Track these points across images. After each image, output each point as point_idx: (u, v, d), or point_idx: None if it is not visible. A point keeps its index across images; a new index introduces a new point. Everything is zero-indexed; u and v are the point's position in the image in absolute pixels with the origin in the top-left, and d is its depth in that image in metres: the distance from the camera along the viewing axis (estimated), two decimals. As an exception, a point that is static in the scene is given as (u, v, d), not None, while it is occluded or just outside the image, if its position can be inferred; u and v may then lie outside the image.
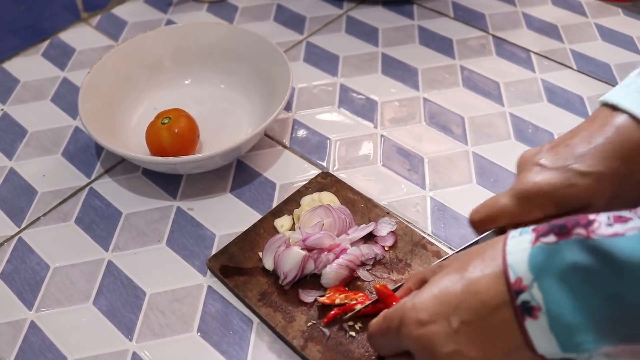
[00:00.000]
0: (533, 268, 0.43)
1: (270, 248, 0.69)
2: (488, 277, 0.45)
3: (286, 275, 0.67)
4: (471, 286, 0.46)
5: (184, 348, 0.64)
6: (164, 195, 0.80)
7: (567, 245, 0.42)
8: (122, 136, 0.82)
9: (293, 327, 0.64)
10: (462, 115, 0.90)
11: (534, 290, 0.42)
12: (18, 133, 0.89)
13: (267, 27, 1.08)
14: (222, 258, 0.71)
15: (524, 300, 0.42)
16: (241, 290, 0.68)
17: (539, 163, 0.57)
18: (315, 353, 0.62)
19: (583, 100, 0.92)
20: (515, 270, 0.43)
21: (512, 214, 0.57)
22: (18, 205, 0.79)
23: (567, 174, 0.54)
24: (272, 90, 0.85)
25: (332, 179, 0.79)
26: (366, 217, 0.74)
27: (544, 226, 0.44)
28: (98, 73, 0.84)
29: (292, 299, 0.67)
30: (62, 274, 0.71)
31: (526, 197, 0.56)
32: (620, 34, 1.06)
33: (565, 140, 0.57)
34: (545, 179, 0.55)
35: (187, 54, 0.92)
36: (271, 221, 0.74)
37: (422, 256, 0.70)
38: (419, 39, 1.05)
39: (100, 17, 1.12)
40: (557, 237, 0.43)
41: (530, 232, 0.45)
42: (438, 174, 0.81)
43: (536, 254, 0.43)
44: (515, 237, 0.46)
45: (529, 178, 0.56)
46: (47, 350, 0.65)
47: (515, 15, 1.11)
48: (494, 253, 0.46)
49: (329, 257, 0.68)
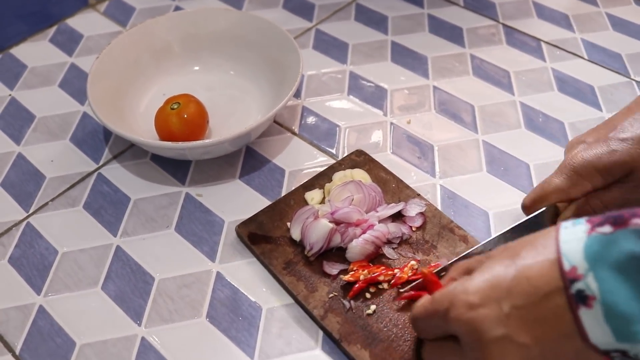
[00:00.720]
0: (588, 257, 0.42)
1: (298, 219, 0.70)
2: (541, 264, 0.45)
3: (312, 247, 0.68)
4: (523, 272, 0.46)
5: (193, 333, 0.64)
6: (173, 181, 0.79)
7: (623, 235, 0.42)
8: (130, 121, 0.82)
9: (314, 297, 0.65)
10: (472, 104, 0.89)
11: (589, 279, 0.42)
12: (26, 118, 0.89)
13: (276, 14, 1.07)
14: (251, 225, 0.72)
15: (579, 289, 0.42)
16: (267, 257, 0.69)
17: (583, 141, 0.62)
18: (334, 324, 0.63)
19: (594, 89, 0.92)
20: (569, 258, 0.43)
21: (563, 189, 0.61)
22: (26, 190, 0.79)
23: (608, 142, 0.60)
24: (281, 77, 0.84)
25: (365, 157, 0.79)
26: (396, 197, 0.75)
27: (599, 217, 0.44)
28: (107, 58, 0.84)
29: (316, 270, 0.68)
30: (70, 259, 0.71)
31: (573, 171, 0.60)
32: (632, 24, 1.05)
33: (607, 121, 0.64)
34: (589, 151, 0.60)
35: (196, 40, 0.92)
36: (302, 194, 0.75)
37: (449, 239, 0.70)
38: (429, 27, 1.04)
39: (108, 3, 1.11)
40: (613, 227, 0.42)
41: (585, 222, 0.45)
42: (448, 162, 0.81)
43: (592, 244, 0.43)
44: (569, 227, 0.45)
45: (573, 154, 0.61)
46: (55, 334, 0.64)
47: (525, 4, 1.10)
48: (547, 241, 0.46)
49: (356, 231, 0.68)
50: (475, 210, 0.75)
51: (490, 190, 0.77)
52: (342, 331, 0.62)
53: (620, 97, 0.90)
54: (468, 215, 0.74)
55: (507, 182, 0.78)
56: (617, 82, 0.93)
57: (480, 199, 0.76)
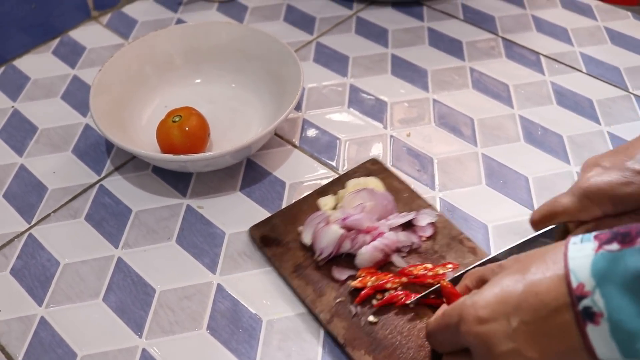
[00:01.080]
0: (595, 275, 0.43)
1: (310, 223, 0.71)
2: (549, 279, 0.46)
3: (322, 251, 0.69)
4: (532, 287, 0.46)
5: (193, 345, 0.65)
6: (174, 193, 0.80)
7: (630, 253, 0.42)
8: (132, 134, 0.83)
9: (322, 302, 0.66)
10: (472, 117, 0.90)
11: (596, 296, 0.42)
12: (29, 130, 0.89)
13: (277, 27, 1.08)
14: (264, 228, 0.73)
15: (586, 306, 0.43)
16: (277, 260, 0.70)
17: (599, 164, 0.60)
18: (339, 329, 0.63)
19: (592, 103, 0.92)
20: (577, 275, 0.44)
21: (572, 211, 0.60)
22: (28, 202, 0.79)
23: (624, 172, 0.58)
24: (282, 90, 0.85)
25: (380, 166, 0.80)
26: (408, 206, 0.75)
27: (607, 233, 0.45)
28: (109, 70, 0.84)
29: (325, 274, 0.68)
30: (72, 271, 0.72)
31: (584, 195, 0.59)
32: (630, 38, 1.06)
33: (626, 146, 0.61)
34: (604, 178, 0.58)
35: (198, 53, 0.92)
36: (315, 199, 0.76)
37: (458, 250, 0.70)
38: (429, 40, 1.05)
39: (110, 15, 1.12)
40: (620, 245, 0.43)
41: (593, 239, 0.45)
42: (447, 174, 0.81)
43: (599, 261, 0.43)
44: (577, 243, 0.46)
45: (588, 178, 0.60)
46: (57, 345, 0.65)
47: (524, 17, 1.11)
48: (556, 257, 0.47)
49: (366, 238, 0.69)
50: (474, 223, 0.75)
51: (490, 203, 0.78)
52: (347, 336, 0.63)
53: (619, 111, 0.91)
54: (467, 228, 0.75)
55: (506, 195, 0.79)
56: (616, 95, 0.94)
57: (480, 212, 0.77)
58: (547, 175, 0.81)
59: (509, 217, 0.76)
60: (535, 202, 0.77)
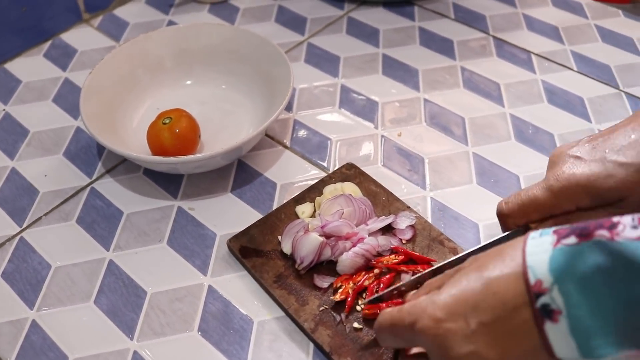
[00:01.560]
0: (554, 271, 0.42)
1: (289, 232, 0.71)
2: (507, 277, 0.44)
3: (303, 260, 0.68)
4: (490, 286, 0.45)
5: (185, 347, 0.65)
6: (165, 195, 0.80)
7: (588, 247, 0.41)
8: (123, 136, 0.83)
9: (305, 311, 0.65)
10: (463, 116, 0.90)
11: (554, 293, 0.41)
12: (20, 133, 0.89)
13: (268, 28, 1.08)
14: (242, 239, 0.72)
15: (544, 303, 0.42)
16: (258, 271, 0.69)
17: (575, 155, 0.57)
18: (324, 337, 0.63)
19: (583, 101, 0.92)
20: (535, 272, 0.42)
21: (544, 205, 0.57)
22: (20, 205, 0.79)
23: (605, 164, 0.54)
24: (273, 90, 0.85)
25: (356, 171, 0.80)
26: (386, 210, 0.75)
27: (566, 228, 0.44)
28: (100, 73, 0.84)
29: (307, 283, 0.68)
30: (63, 274, 0.72)
31: (561, 190, 0.56)
32: (621, 36, 1.06)
33: (603, 134, 0.58)
34: (583, 171, 0.55)
35: (188, 55, 0.92)
36: (293, 207, 0.76)
37: (439, 252, 0.70)
38: (420, 40, 1.05)
39: (101, 17, 1.12)
40: (578, 239, 0.42)
41: (552, 233, 0.44)
42: (438, 174, 0.81)
43: (557, 256, 0.42)
44: (536, 238, 0.45)
45: (564, 169, 0.56)
46: (48, 349, 0.65)
47: (515, 16, 1.11)
48: (514, 253, 0.45)
49: (346, 245, 0.69)
50: (465, 222, 0.75)
51: (481, 202, 0.78)
52: (332, 344, 0.62)
53: (610, 109, 0.91)
54: (459, 227, 0.75)
55: (497, 194, 0.79)
56: (607, 93, 0.94)
57: (471, 211, 0.77)
58: (538, 174, 0.81)
59: (499, 215, 0.76)
60: (525, 200, 0.77)
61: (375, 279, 0.67)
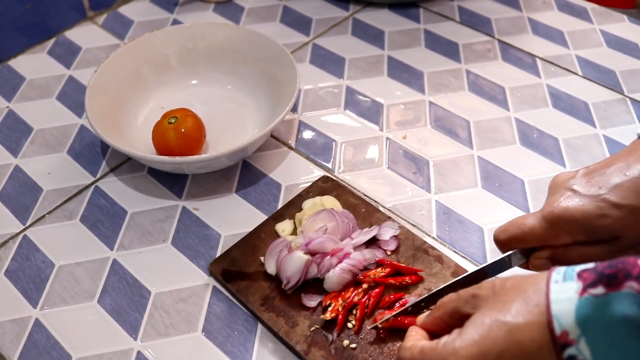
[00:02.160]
0: (580, 322, 0.41)
1: (272, 252, 0.69)
2: (532, 326, 0.43)
3: (289, 280, 0.67)
4: (514, 334, 0.44)
5: (189, 348, 0.64)
6: (170, 194, 0.80)
7: (617, 298, 0.40)
8: (128, 135, 0.83)
9: (296, 332, 0.64)
10: (468, 119, 0.90)
11: (581, 345, 0.40)
12: (24, 131, 0.89)
13: (273, 28, 1.08)
14: (223, 262, 0.70)
15: (571, 355, 0.41)
16: (243, 295, 0.67)
17: (571, 188, 0.56)
18: (318, 358, 0.62)
19: (588, 106, 0.92)
20: (560, 322, 0.41)
21: (540, 236, 0.56)
22: (23, 203, 0.79)
23: (600, 203, 0.53)
24: (278, 91, 0.85)
25: (333, 183, 0.79)
26: (367, 221, 0.74)
27: (591, 273, 0.42)
28: (105, 71, 0.84)
29: (294, 303, 0.66)
30: (67, 272, 0.71)
31: (556, 222, 0.55)
32: (625, 41, 1.06)
33: (600, 168, 0.56)
34: (577, 206, 0.54)
35: (194, 54, 0.92)
36: (272, 225, 0.74)
37: (424, 261, 0.70)
38: (425, 42, 1.05)
39: (106, 15, 1.12)
40: (606, 289, 0.41)
41: (576, 279, 0.43)
42: (443, 177, 0.81)
43: (583, 307, 0.41)
44: (559, 282, 0.43)
45: (560, 202, 0.56)
46: (51, 348, 0.65)
47: (521, 20, 1.11)
48: (538, 297, 0.44)
49: (332, 261, 0.67)
50: (470, 226, 0.75)
51: (485, 206, 0.78)
52: None
53: (614, 114, 0.91)
54: (463, 230, 0.75)
55: (502, 198, 0.79)
56: (611, 98, 0.94)
57: (475, 215, 0.77)
58: (542, 178, 0.81)
59: (504, 220, 0.74)
60: (530, 204, 0.78)
61: (365, 293, 0.66)
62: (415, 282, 0.68)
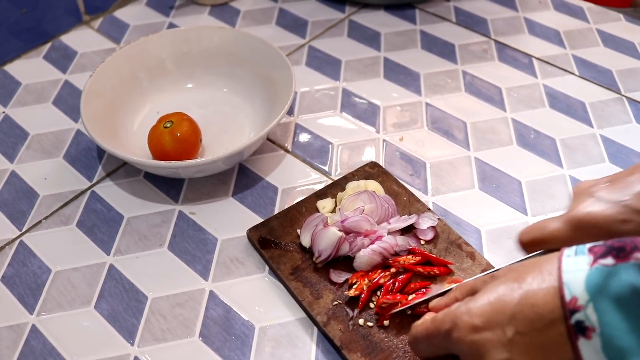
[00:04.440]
0: (589, 289, 0.43)
1: (308, 225, 0.71)
2: (545, 291, 0.45)
3: (320, 254, 0.69)
4: (528, 297, 0.46)
5: (186, 353, 0.64)
6: (166, 199, 0.79)
7: (625, 268, 0.42)
8: (123, 139, 0.82)
9: (319, 304, 0.66)
10: (465, 121, 0.90)
11: (589, 310, 0.42)
12: (19, 136, 0.89)
13: (269, 31, 1.08)
14: (262, 230, 0.73)
15: (578, 320, 0.43)
16: (275, 262, 0.70)
17: (594, 195, 0.58)
18: (336, 331, 0.64)
19: (585, 106, 0.92)
20: (570, 289, 0.43)
21: (562, 239, 0.58)
22: (19, 209, 0.79)
23: (622, 209, 0.55)
24: (274, 94, 0.84)
25: (379, 170, 0.80)
26: (407, 210, 0.75)
27: (601, 247, 0.45)
28: (100, 76, 0.84)
29: (322, 277, 0.69)
30: (63, 278, 0.71)
31: (579, 225, 0.57)
32: (622, 40, 1.06)
33: (622, 176, 0.59)
34: (600, 211, 0.56)
35: (189, 58, 0.92)
36: (314, 202, 0.76)
37: (456, 255, 0.70)
38: (421, 43, 1.05)
39: (102, 20, 1.12)
40: (615, 260, 0.43)
41: (587, 253, 0.45)
42: (440, 179, 0.81)
43: (593, 275, 0.43)
44: (571, 256, 0.46)
45: (583, 207, 0.58)
46: (48, 354, 0.64)
47: (517, 20, 1.11)
48: (551, 267, 0.46)
49: (364, 241, 0.69)
50: (467, 228, 0.75)
51: (483, 208, 0.78)
52: (343, 339, 0.63)
53: (611, 113, 0.91)
54: (461, 232, 0.75)
55: (499, 199, 0.79)
56: (608, 98, 0.94)
57: (473, 216, 0.76)
58: (540, 179, 0.81)
59: (502, 221, 0.76)
60: (528, 205, 0.77)
61: (391, 277, 0.67)
62: (443, 274, 0.68)
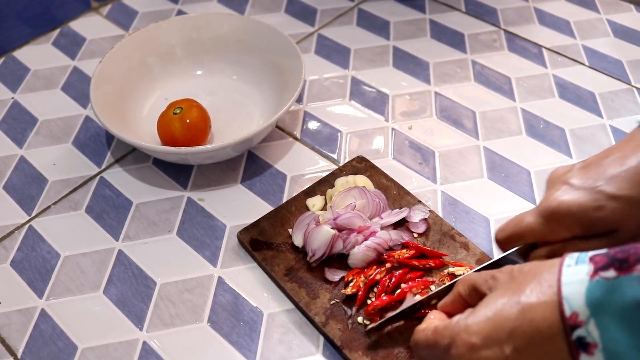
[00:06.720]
0: (590, 304, 0.41)
1: (300, 225, 0.70)
2: (544, 305, 0.43)
3: (314, 253, 0.68)
4: (527, 312, 0.44)
5: (194, 338, 0.64)
6: (175, 185, 0.79)
7: (628, 281, 0.40)
8: (133, 125, 0.82)
9: (316, 304, 0.65)
10: (474, 110, 0.89)
11: (591, 326, 0.40)
12: (28, 121, 0.89)
13: (278, 19, 1.07)
14: (252, 231, 0.72)
15: (580, 336, 0.41)
16: (268, 264, 0.69)
17: (568, 182, 0.56)
18: (335, 331, 0.63)
19: (595, 96, 0.92)
20: (570, 303, 0.42)
21: (538, 232, 0.56)
22: (28, 194, 0.79)
23: (595, 195, 0.53)
24: (283, 82, 0.84)
25: (366, 164, 0.79)
26: (397, 203, 0.75)
27: (603, 257, 0.42)
28: (110, 62, 0.84)
29: (317, 276, 0.68)
30: (72, 263, 0.71)
31: (552, 217, 0.55)
32: (632, 30, 1.05)
33: (597, 160, 0.56)
34: (573, 199, 0.54)
35: (199, 45, 0.92)
36: (303, 200, 0.75)
37: (450, 246, 0.70)
38: (431, 32, 1.05)
39: (110, 6, 1.12)
40: (617, 272, 0.41)
41: (588, 262, 0.43)
42: (449, 168, 0.81)
43: (594, 289, 0.41)
44: (571, 265, 0.44)
45: (556, 196, 0.55)
46: (57, 338, 0.65)
47: (527, 10, 1.10)
48: (551, 278, 0.44)
49: (358, 238, 0.69)
50: (476, 217, 0.75)
51: (491, 197, 0.78)
52: (343, 338, 0.62)
53: (621, 104, 0.90)
54: (469, 221, 0.75)
55: (508, 189, 0.78)
56: (618, 88, 0.93)
57: (481, 206, 0.76)
58: (549, 169, 0.79)
59: (510, 210, 0.76)
60: (537, 195, 0.77)
61: (387, 273, 0.67)
62: (438, 266, 0.68)
